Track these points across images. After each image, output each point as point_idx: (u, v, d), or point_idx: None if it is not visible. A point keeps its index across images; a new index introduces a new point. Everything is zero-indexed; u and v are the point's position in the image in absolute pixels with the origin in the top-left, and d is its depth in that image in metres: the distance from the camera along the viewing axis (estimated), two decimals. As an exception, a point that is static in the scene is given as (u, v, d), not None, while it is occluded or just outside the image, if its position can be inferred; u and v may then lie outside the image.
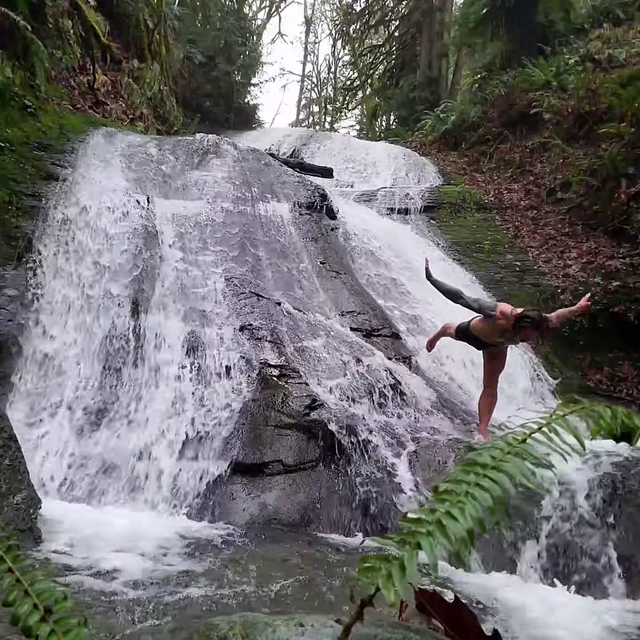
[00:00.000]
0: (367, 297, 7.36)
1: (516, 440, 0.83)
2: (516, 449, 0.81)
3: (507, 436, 0.84)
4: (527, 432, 0.83)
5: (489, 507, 0.76)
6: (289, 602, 2.94)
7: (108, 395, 5.15)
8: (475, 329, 5.24)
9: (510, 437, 0.84)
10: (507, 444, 0.83)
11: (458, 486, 0.79)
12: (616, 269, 8.67)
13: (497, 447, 0.83)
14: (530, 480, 0.77)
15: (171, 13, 17.74)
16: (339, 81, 36.12)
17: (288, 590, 3.08)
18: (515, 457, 0.80)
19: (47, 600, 0.90)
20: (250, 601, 2.91)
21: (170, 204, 7.62)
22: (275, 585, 3.13)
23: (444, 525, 0.75)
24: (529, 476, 0.77)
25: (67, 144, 8.59)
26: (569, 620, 3.07)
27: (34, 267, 5.97)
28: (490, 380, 5.38)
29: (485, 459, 0.81)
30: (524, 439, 0.82)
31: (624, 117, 10.29)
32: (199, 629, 1.10)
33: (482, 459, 0.82)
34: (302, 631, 0.99)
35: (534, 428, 0.83)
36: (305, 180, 9.55)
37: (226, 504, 4.37)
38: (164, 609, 2.76)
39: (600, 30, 14.78)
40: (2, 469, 3.59)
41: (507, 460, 0.80)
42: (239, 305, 6.17)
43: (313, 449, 4.70)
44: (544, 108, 12.88)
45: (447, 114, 17.23)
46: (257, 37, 29.02)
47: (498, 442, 0.84)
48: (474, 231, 10.62)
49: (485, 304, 5.19)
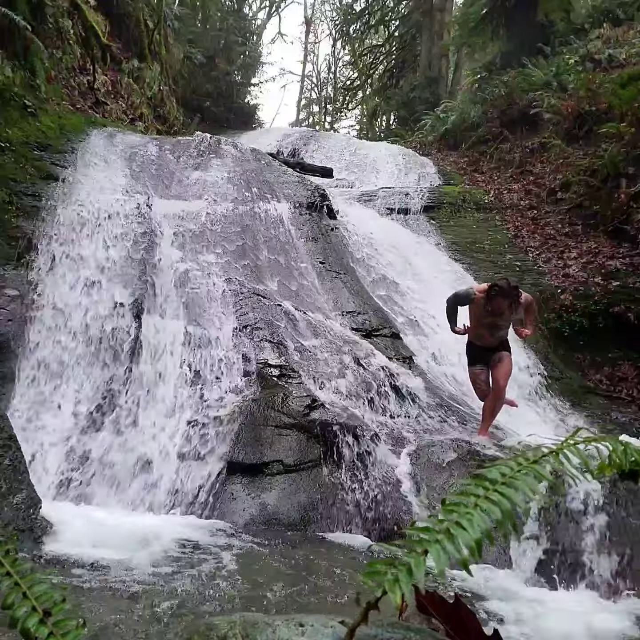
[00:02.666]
0: (367, 297, 7.36)
1: (527, 460, 0.85)
2: (527, 468, 0.83)
3: (518, 457, 0.86)
4: (539, 454, 0.85)
5: (497, 520, 0.77)
6: (289, 602, 2.94)
7: (108, 396, 5.15)
8: (471, 329, 5.28)
9: (522, 458, 0.86)
10: (517, 464, 0.85)
11: (467, 499, 0.81)
12: (616, 269, 8.67)
13: (507, 466, 0.85)
14: (540, 497, 0.79)
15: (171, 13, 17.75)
16: (339, 81, 36.14)
17: (288, 591, 3.08)
18: (526, 475, 0.82)
19: (46, 602, 0.90)
20: (250, 601, 2.91)
21: (170, 204, 7.62)
22: (275, 585, 3.13)
23: (452, 534, 0.77)
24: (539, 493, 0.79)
25: (67, 144, 8.59)
26: (568, 620, 3.07)
27: (34, 267, 5.97)
28: (498, 386, 5.31)
29: (495, 475, 0.84)
30: (535, 460, 0.84)
31: (624, 117, 10.29)
32: (199, 629, 1.10)
33: (491, 475, 0.84)
34: (302, 631, 0.99)
35: (545, 452, 0.85)
36: (305, 180, 9.55)
37: (226, 504, 4.37)
38: (164, 608, 2.76)
39: (600, 30, 14.78)
40: (2, 469, 3.59)
41: (518, 477, 0.82)
42: (239, 305, 6.17)
43: (313, 449, 4.70)
44: (544, 108, 12.88)
45: (447, 114, 17.24)
46: (257, 37, 29.06)
47: (508, 461, 0.86)
48: (474, 231, 10.62)
49: (461, 292, 5.37)
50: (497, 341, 5.27)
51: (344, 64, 36.06)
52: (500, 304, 4.97)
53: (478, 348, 5.35)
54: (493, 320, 5.13)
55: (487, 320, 5.15)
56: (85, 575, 3.09)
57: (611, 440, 0.89)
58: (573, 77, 13.05)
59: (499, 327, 5.21)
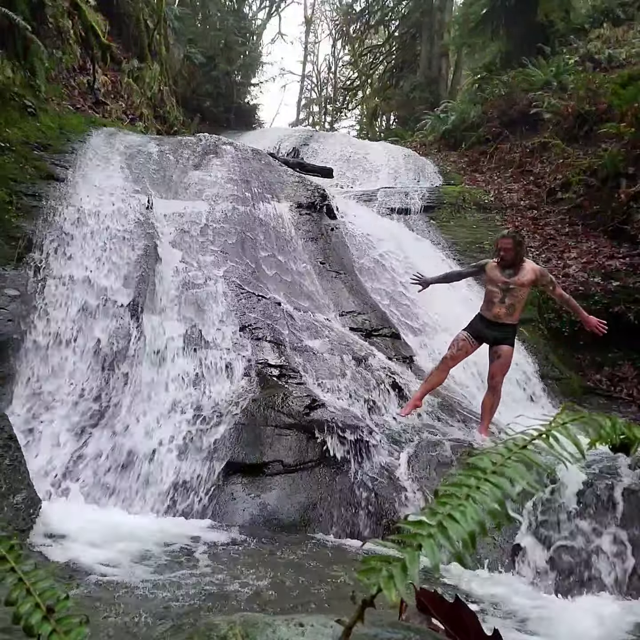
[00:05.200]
0: (367, 297, 7.36)
1: (517, 446, 0.84)
2: (517, 454, 0.82)
3: (508, 442, 0.85)
4: (528, 438, 0.84)
5: (490, 510, 0.76)
6: (289, 602, 2.94)
7: (108, 396, 5.15)
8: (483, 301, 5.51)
9: (511, 443, 0.84)
10: (507, 450, 0.84)
11: (459, 490, 0.80)
12: (616, 269, 8.67)
13: (497, 452, 0.84)
14: (531, 484, 0.77)
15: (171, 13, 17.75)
16: (339, 81, 36.14)
17: (288, 590, 3.08)
18: (516, 462, 0.81)
19: (49, 599, 0.90)
20: (250, 601, 2.91)
21: (170, 204, 7.62)
22: (275, 585, 3.13)
23: (445, 527, 0.76)
24: (531, 480, 0.78)
25: (67, 144, 8.59)
26: (568, 619, 3.07)
27: (34, 267, 5.97)
28: (494, 380, 5.37)
29: (486, 463, 0.82)
30: (525, 445, 0.83)
31: (624, 117, 10.29)
32: (199, 629, 1.10)
33: (482, 463, 0.82)
34: (302, 631, 0.99)
35: (534, 435, 0.84)
36: (305, 180, 9.54)
37: (226, 504, 4.37)
38: (163, 608, 2.76)
39: (600, 30, 14.79)
40: (2, 469, 3.59)
41: (508, 465, 0.81)
42: (239, 305, 6.17)
43: (313, 449, 4.70)
44: (544, 108, 12.88)
45: (447, 114, 17.24)
46: (257, 37, 29.04)
47: (498, 448, 0.84)
48: (474, 231, 10.62)
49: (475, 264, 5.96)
50: (505, 313, 5.29)
51: (344, 64, 36.10)
52: (506, 244, 5.27)
53: (483, 322, 5.40)
54: (505, 283, 5.24)
55: (499, 280, 5.29)
56: (85, 575, 3.09)
57: (599, 416, 0.88)
58: (573, 77, 13.06)
59: (510, 292, 5.24)
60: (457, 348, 5.46)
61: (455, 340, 5.52)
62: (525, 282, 5.26)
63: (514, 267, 5.28)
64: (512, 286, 5.25)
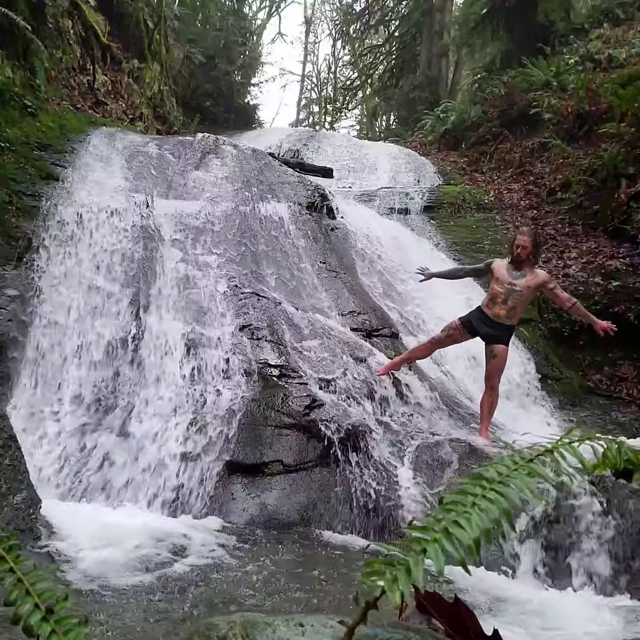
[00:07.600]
0: (367, 297, 7.36)
1: (523, 459, 0.85)
2: (523, 466, 0.83)
3: (514, 455, 0.86)
4: (535, 453, 0.85)
5: (495, 518, 0.77)
6: (288, 602, 2.94)
7: (108, 396, 5.15)
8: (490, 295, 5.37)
9: (518, 456, 0.86)
10: (514, 462, 0.85)
11: (464, 498, 0.81)
12: (616, 269, 8.66)
13: (503, 464, 0.85)
14: (536, 495, 0.78)
15: (171, 13, 17.74)
16: (339, 81, 36.08)
17: (287, 591, 3.08)
18: (522, 474, 0.82)
19: (49, 600, 0.90)
20: (250, 601, 2.91)
21: (170, 204, 7.61)
22: (275, 585, 3.13)
23: (450, 533, 0.77)
24: (536, 491, 0.79)
25: (67, 144, 8.59)
26: (568, 619, 3.07)
27: (34, 267, 5.97)
28: (491, 380, 5.37)
29: (492, 474, 0.84)
30: (531, 459, 0.84)
31: (624, 117, 10.28)
32: (199, 628, 1.10)
33: (488, 473, 0.84)
34: (302, 631, 0.99)
35: (541, 450, 0.85)
36: (305, 180, 9.54)
37: (226, 504, 4.37)
38: (163, 608, 2.76)
39: (600, 30, 14.76)
40: (2, 469, 3.59)
41: (514, 476, 0.82)
42: (238, 305, 6.17)
43: (313, 449, 4.70)
44: (544, 108, 12.87)
45: (447, 114, 17.22)
46: (257, 37, 29.01)
47: (505, 460, 0.86)
48: (474, 231, 10.61)
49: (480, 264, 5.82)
50: (506, 315, 5.26)
51: (344, 64, 36.03)
52: (524, 241, 5.17)
53: (482, 317, 5.37)
54: (510, 284, 5.19)
55: (505, 281, 5.22)
56: (85, 575, 3.09)
57: (606, 439, 0.89)
58: (573, 77, 13.04)
59: (514, 294, 5.20)
60: (447, 334, 5.50)
61: (447, 326, 5.55)
62: (531, 286, 5.21)
63: (524, 268, 5.22)
64: (518, 289, 5.19)
